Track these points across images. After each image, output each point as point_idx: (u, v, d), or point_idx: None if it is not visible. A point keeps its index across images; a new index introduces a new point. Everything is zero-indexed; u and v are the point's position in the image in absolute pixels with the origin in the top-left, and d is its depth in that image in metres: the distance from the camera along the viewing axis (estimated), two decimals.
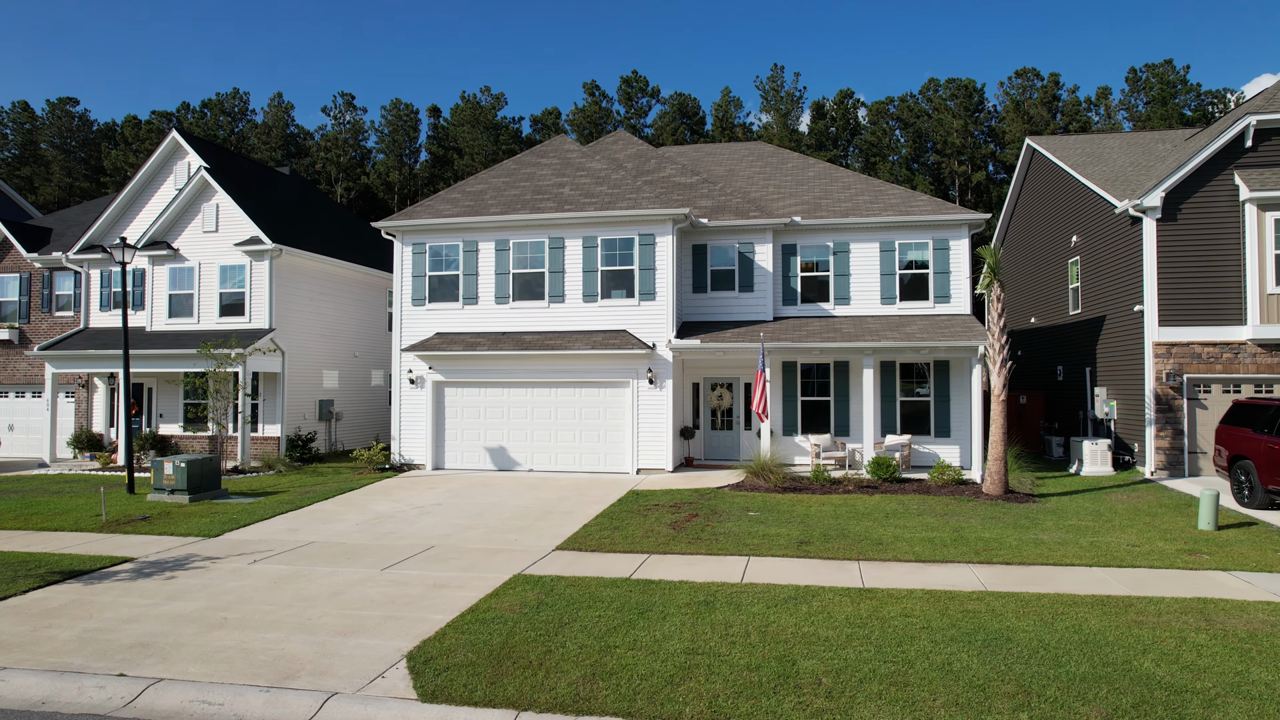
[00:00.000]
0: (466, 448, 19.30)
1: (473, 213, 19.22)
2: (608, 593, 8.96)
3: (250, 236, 21.29)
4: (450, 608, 8.54)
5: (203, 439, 21.78)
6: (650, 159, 22.40)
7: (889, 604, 8.46)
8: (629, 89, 67.66)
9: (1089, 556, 10.57)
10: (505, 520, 13.46)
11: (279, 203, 24.47)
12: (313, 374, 22.97)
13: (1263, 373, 16.65)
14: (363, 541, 11.95)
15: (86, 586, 9.56)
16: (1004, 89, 63.77)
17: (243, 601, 8.86)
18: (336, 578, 9.85)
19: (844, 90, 67.35)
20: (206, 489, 15.59)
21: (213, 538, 12.35)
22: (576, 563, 10.50)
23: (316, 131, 67.84)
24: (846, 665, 6.75)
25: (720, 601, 8.58)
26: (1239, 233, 16.76)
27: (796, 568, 10.16)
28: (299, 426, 22.18)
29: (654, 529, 12.43)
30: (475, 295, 19.34)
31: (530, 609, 8.36)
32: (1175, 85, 61.88)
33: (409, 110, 66.77)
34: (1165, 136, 23.46)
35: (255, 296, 21.36)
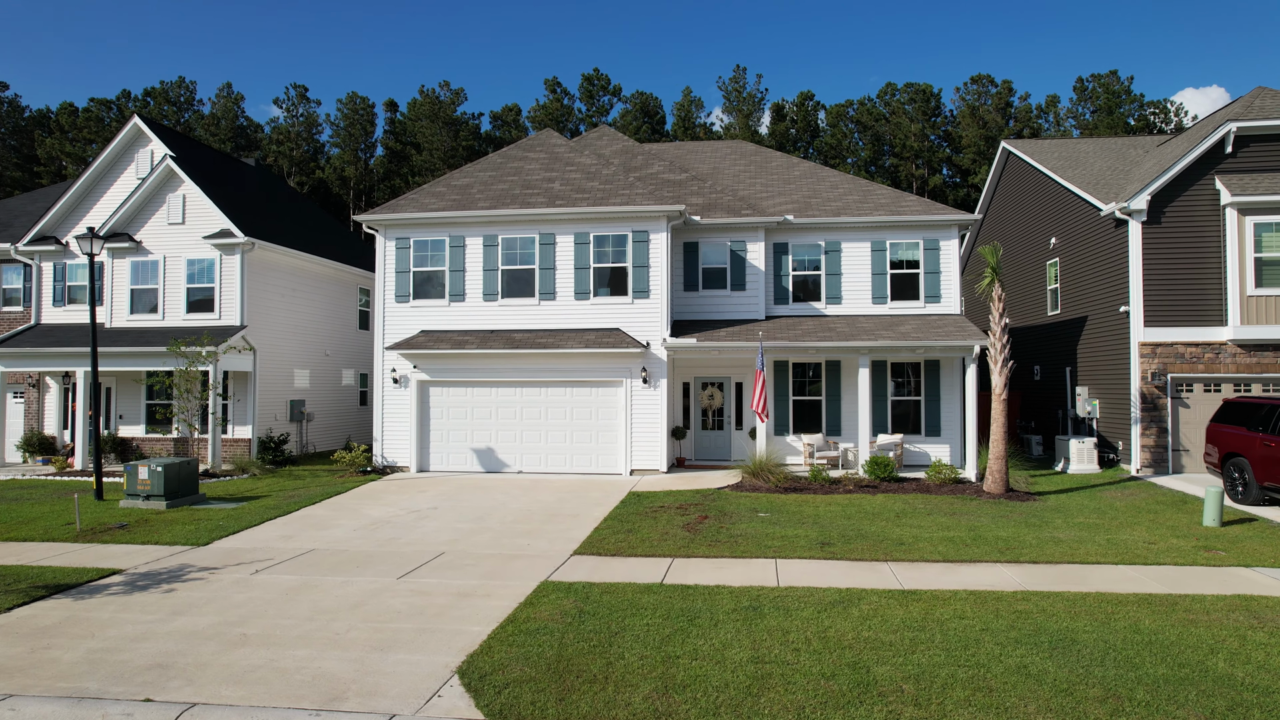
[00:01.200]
0: (453, 449, 18.70)
1: (459, 207, 18.63)
2: (647, 599, 8.62)
3: (220, 229, 20.31)
4: (485, 618, 8.11)
5: (167, 441, 20.70)
6: (637, 155, 22.08)
7: (938, 606, 8.32)
8: (591, 87, 67.20)
9: (1112, 554, 10.62)
10: (510, 524, 13.01)
11: (248, 194, 23.44)
12: (284, 373, 22.05)
13: (1242, 372, 17.13)
14: (366, 549, 11.38)
15: (78, 602, 8.84)
16: (960, 94, 65.12)
17: (257, 615, 8.27)
18: (351, 588, 9.31)
19: (804, 92, 67.98)
20: (184, 494, 14.75)
21: (202, 546, 11.63)
22: (601, 568, 10.13)
23: (268, 124, 65.76)
24: (922, 671, 6.55)
25: (767, 607, 8.32)
26: (1220, 236, 17.22)
27: (827, 570, 9.97)
28: (270, 428, 21.25)
29: (668, 532, 12.13)
30: (462, 292, 18.75)
31: (573, 618, 7.98)
32: (1120, 95, 63.94)
33: (365, 104, 65.20)
34: (1136, 142, 24.09)
35: (225, 292, 20.38)
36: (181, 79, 64.53)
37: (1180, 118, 61.91)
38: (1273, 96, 18.20)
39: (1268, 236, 16.89)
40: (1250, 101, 18.09)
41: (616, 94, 67.52)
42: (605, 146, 22.59)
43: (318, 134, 66.57)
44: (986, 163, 60.18)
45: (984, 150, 60.98)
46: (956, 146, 63.38)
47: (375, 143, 65.90)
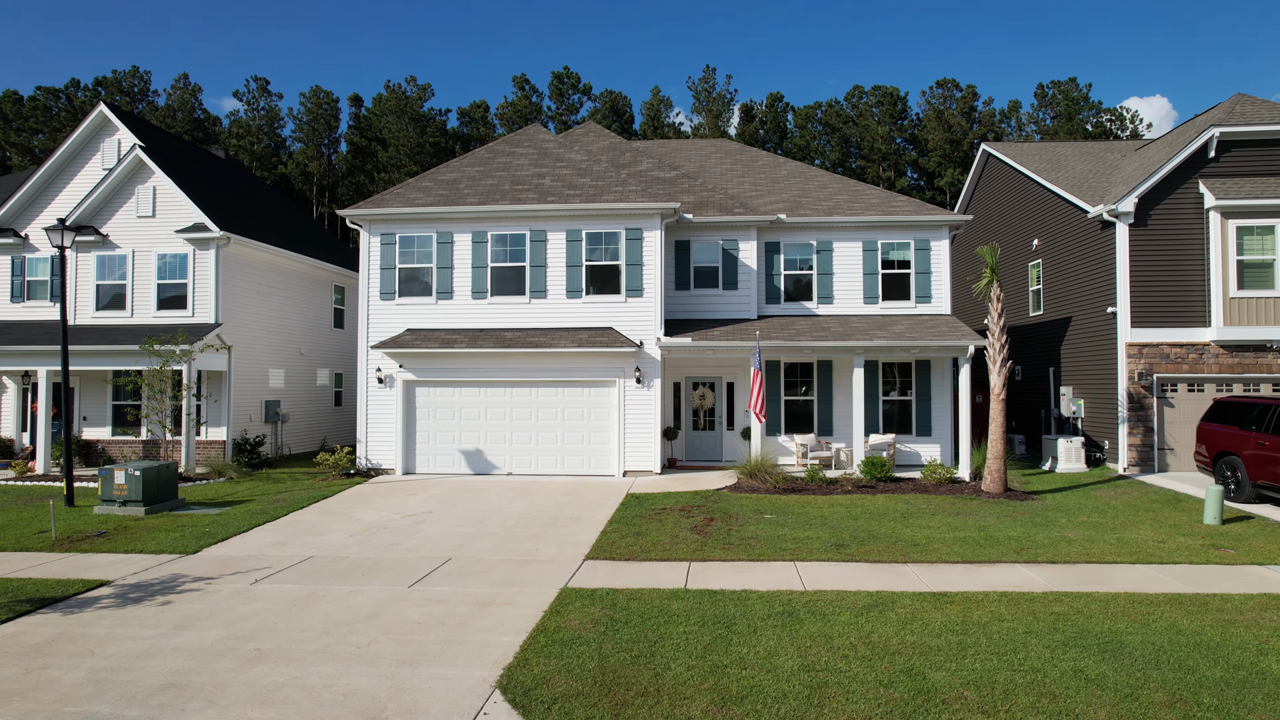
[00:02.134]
0: (440, 451, 18.21)
1: (447, 202, 18.15)
2: (676, 606, 8.36)
3: (194, 223, 19.49)
4: (512, 628, 7.78)
5: (135, 444, 19.82)
6: (625, 152, 21.79)
7: (973, 609, 8.21)
8: (560, 85, 66.68)
9: (1125, 554, 10.66)
10: (512, 529, 12.63)
11: (221, 187, 22.59)
12: (259, 373, 21.28)
13: (1224, 372, 17.48)
14: (367, 555, 10.92)
15: (68, 617, 8.27)
16: (926, 98, 66.03)
17: (269, 629, 7.82)
18: (362, 597, 8.88)
19: (773, 94, 68.36)
20: (163, 499, 14.06)
21: (191, 554, 11.05)
22: (618, 573, 9.84)
23: (227, 117, 64.04)
24: (979, 677, 6.40)
25: (801, 612, 8.12)
26: (1203, 238, 17.55)
27: (849, 572, 9.82)
28: (245, 429, 20.48)
29: (678, 535, 11.88)
30: (450, 289, 18.27)
31: (606, 627, 7.69)
32: (1079, 102, 65.46)
33: (329, 98, 63.81)
34: (1113, 147, 24.52)
35: (199, 288, 19.57)
36: (135, 68, 62.43)
37: (1135, 124, 63.68)
38: (1252, 103, 18.63)
39: (1249, 240, 17.27)
40: (1231, 107, 18.49)
41: (586, 93, 67.12)
42: (592, 143, 22.26)
43: (279, 128, 65.02)
44: (952, 165, 61.18)
45: (949, 153, 61.96)
46: (922, 150, 64.21)
47: (339, 138, 64.52)
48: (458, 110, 65.70)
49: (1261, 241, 17.24)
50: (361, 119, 63.84)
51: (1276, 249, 17.18)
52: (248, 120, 63.43)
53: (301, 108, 63.02)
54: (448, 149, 63.61)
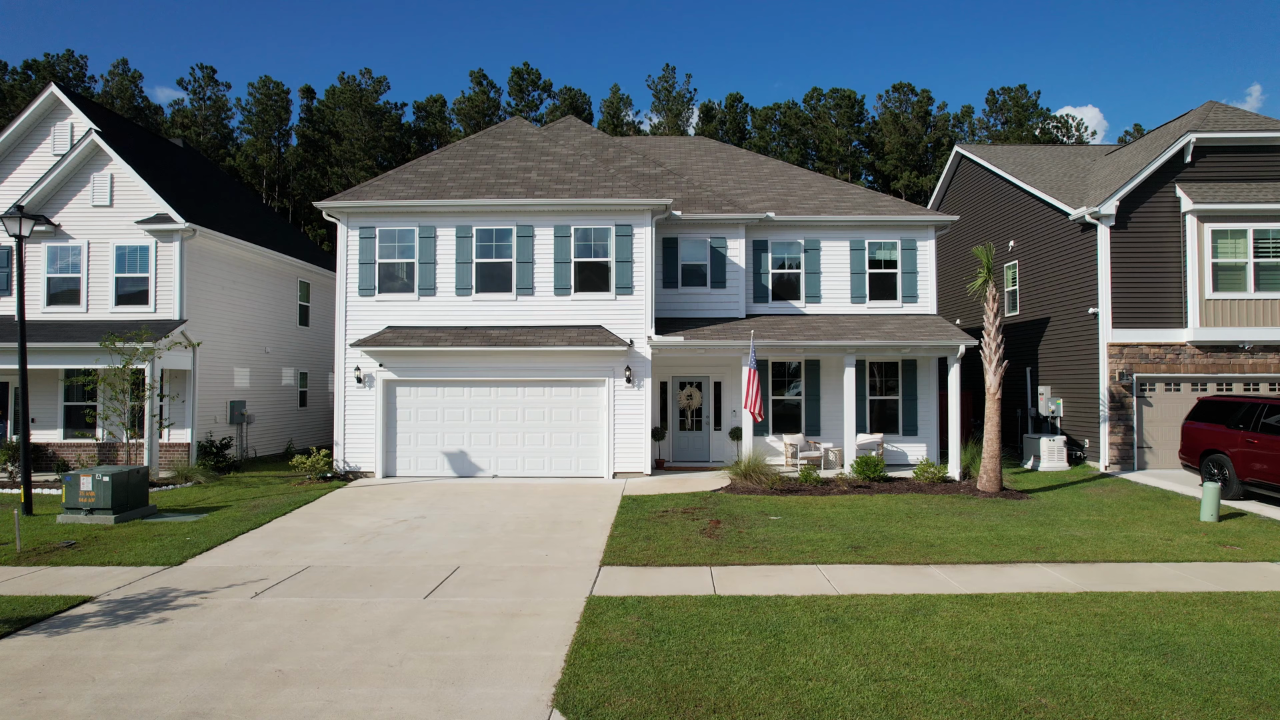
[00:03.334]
0: (421, 453, 17.56)
1: (430, 195, 17.50)
2: (715, 614, 8.05)
3: (156, 214, 18.44)
4: (549, 640, 7.37)
5: (90, 447, 18.67)
6: (608, 148, 21.39)
7: (1015, 611, 8.09)
8: (520, 81, 65.79)
9: (1140, 552, 10.73)
10: (513, 534, 12.16)
11: (182, 177, 21.46)
12: (224, 372, 20.27)
13: (1200, 372, 17.93)
14: (368, 564, 10.34)
15: (54, 638, 7.56)
16: (882, 101, 67.03)
17: (285, 648, 7.25)
18: (377, 610, 8.35)
19: (733, 94, 68.56)
20: (133, 506, 13.18)
21: (176, 566, 10.32)
22: (640, 580, 9.48)
23: (170, 106, 61.46)
24: (1051, 683, 6.24)
25: (845, 618, 7.89)
26: (1180, 241, 17.97)
27: (877, 575, 9.65)
28: (210, 431, 19.48)
29: (689, 538, 11.57)
30: (433, 286, 17.63)
31: (650, 637, 7.33)
32: (1028, 109, 67.18)
33: (279, 89, 61.77)
34: (1082, 151, 25.06)
35: (162, 283, 18.52)
36: (70, 52, 59.55)
37: (1080, 132, 65.69)
38: (1224, 110, 19.17)
39: (1223, 243, 17.73)
40: (1205, 114, 18.99)
41: (547, 90, 66.40)
42: (574, 138, 21.80)
43: (227, 119, 62.72)
44: (908, 169, 62.23)
45: (905, 156, 62.99)
46: (879, 153, 65.06)
47: (290, 130, 62.48)
48: (414, 104, 64.29)
49: (1235, 245, 17.73)
50: (314, 111, 61.92)
51: (1249, 252, 17.68)
52: (193, 110, 61.04)
53: (250, 98, 60.90)
54: (403, 144, 62.27)
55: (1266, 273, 17.72)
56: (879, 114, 66.87)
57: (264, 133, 60.49)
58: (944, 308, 25.31)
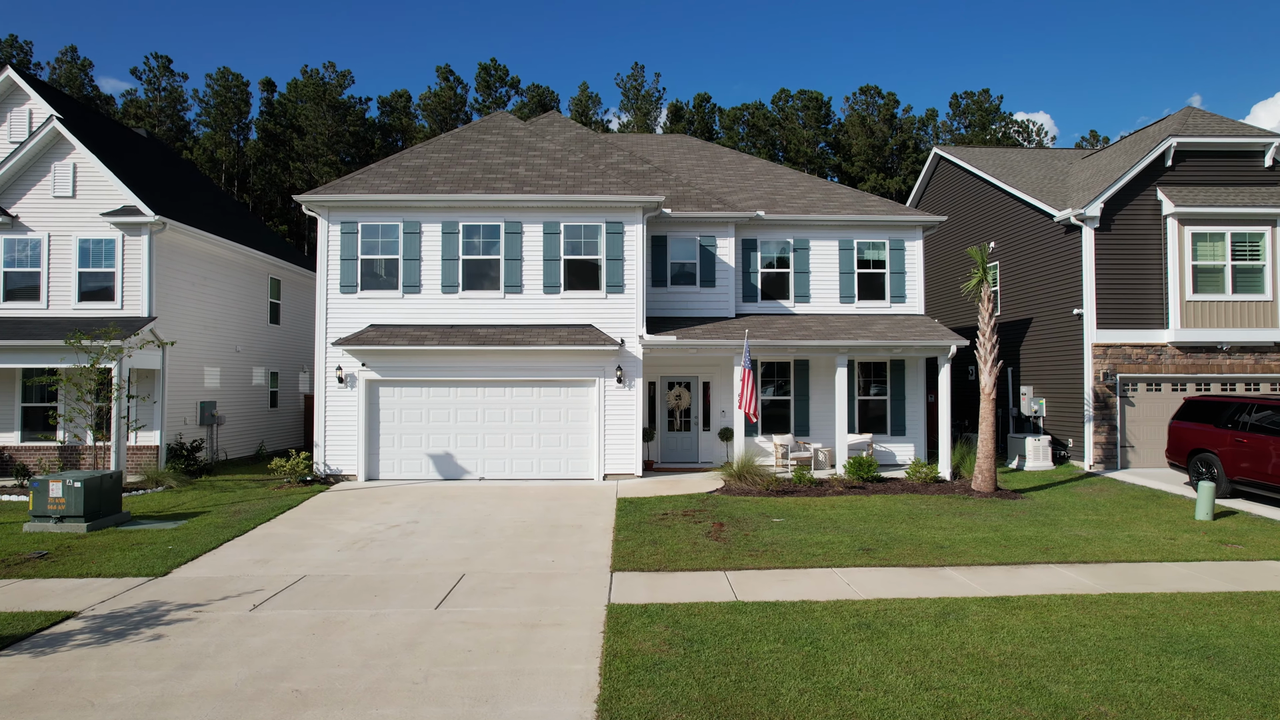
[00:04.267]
0: (405, 455, 17.03)
1: (415, 189, 16.98)
2: (743, 621, 7.81)
3: (123, 206, 17.59)
4: (577, 653, 7.05)
5: (50, 450, 17.74)
6: (594, 144, 21.03)
7: (1045, 614, 8.00)
8: (488, 77, 64.93)
9: (1147, 552, 10.77)
10: (513, 539, 11.78)
11: (148, 168, 20.56)
12: (194, 371, 19.46)
13: (1180, 372, 18.25)
14: (368, 573, 9.89)
15: (41, 658, 7.02)
16: (849, 103, 67.63)
17: (297, 665, 6.82)
18: (388, 623, 7.93)
19: (701, 94, 68.50)
20: (106, 513, 12.48)
21: (161, 577, 9.74)
22: (657, 586, 9.20)
23: (122, 96, 59.36)
24: (1105, 689, 6.12)
25: (877, 623, 7.71)
26: (1161, 244, 18.27)
27: (895, 578, 9.51)
28: (180, 433, 18.68)
29: (696, 541, 11.33)
30: (417, 283, 17.11)
31: (683, 648, 7.06)
32: (991, 113, 68.39)
33: (239, 81, 60.03)
34: (1058, 154, 25.44)
35: (129, 279, 17.68)
36: (13, 37, 57.15)
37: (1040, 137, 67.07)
38: (1202, 116, 19.56)
39: (1203, 246, 18.08)
40: (1184, 119, 19.36)
41: (514, 86, 65.63)
42: (558, 133, 21.41)
43: (183, 111, 60.79)
44: (875, 171, 62.85)
45: (871, 158, 63.60)
46: (846, 155, 65.53)
47: (250, 124, 60.77)
48: (378, 99, 63.04)
49: (1213, 248, 18.08)
50: (275, 105, 60.31)
51: (1227, 255, 18.04)
52: (147, 101, 59.03)
53: (209, 90, 59.09)
54: (368, 140, 61.03)
55: (1243, 275, 18.11)
56: (846, 116, 67.47)
57: (223, 126, 58.78)
58: (939, 307, 25.48)
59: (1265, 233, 18.06)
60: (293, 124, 59.10)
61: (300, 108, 58.62)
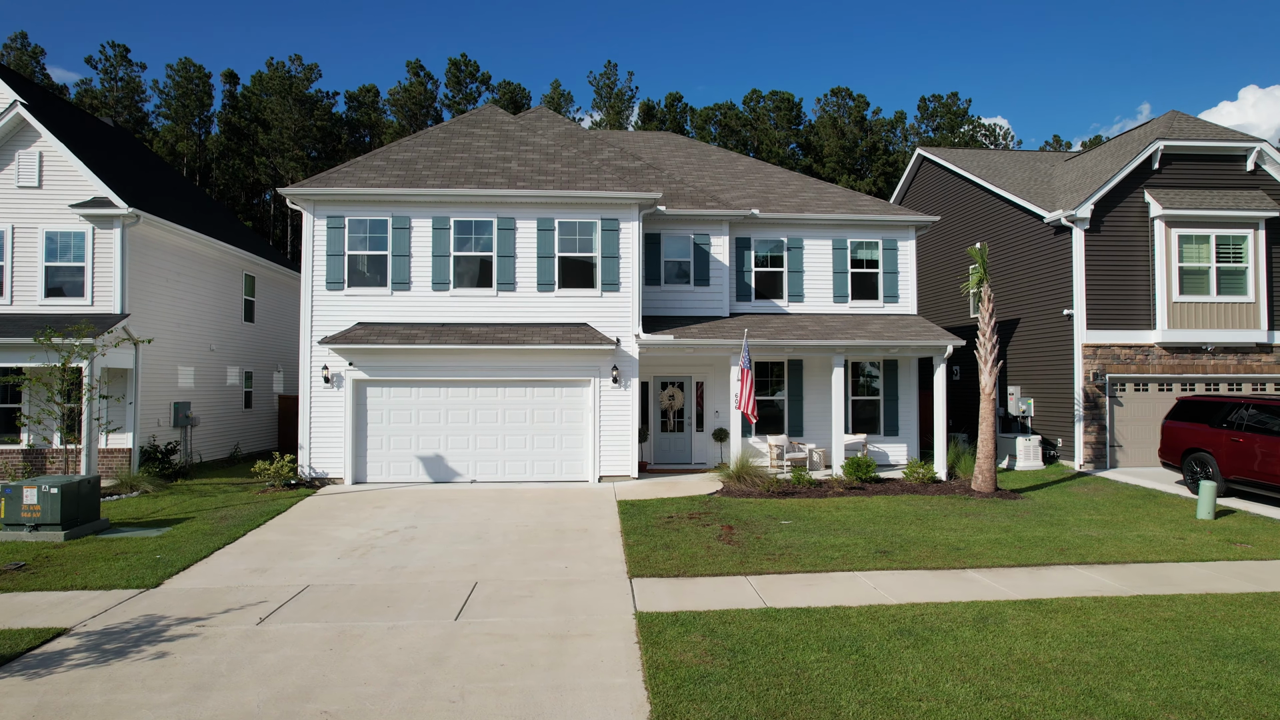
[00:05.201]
0: (394, 457, 16.50)
1: (405, 183, 16.46)
2: (781, 629, 7.56)
3: (94, 197, 16.78)
4: (615, 665, 6.74)
5: (13, 454, 16.85)
6: (583, 140, 20.65)
7: (1084, 617, 7.90)
8: (458, 72, 64.04)
9: (1162, 552, 10.77)
10: (518, 544, 11.39)
11: (118, 158, 19.68)
12: (167, 371, 18.67)
13: (1166, 373, 18.48)
14: (374, 582, 9.44)
15: (36, 681, 6.49)
16: (821, 105, 68.05)
17: (321, 684, 6.39)
18: (407, 635, 7.53)
19: (673, 94, 68.31)
20: (84, 520, 11.80)
21: (152, 588, 9.18)
22: (681, 593, 8.91)
23: (76, 86, 57.27)
24: (1170, 697, 5.99)
25: (918, 629, 7.52)
26: (1148, 245, 18.49)
27: (919, 581, 9.36)
28: (153, 435, 17.89)
29: (709, 545, 11.06)
30: (407, 280, 16.59)
31: (727, 658, 6.78)
32: (959, 116, 69.34)
33: (200, 72, 58.31)
34: (1039, 157, 25.71)
35: (100, 274, 16.86)
36: None
37: (1006, 141, 68.24)
38: (1186, 120, 19.86)
39: (1188, 248, 18.33)
40: (1169, 123, 19.63)
41: (485, 82, 64.80)
42: (548, 128, 20.99)
43: (142, 102, 58.85)
44: (846, 172, 63.24)
45: (843, 160, 63.98)
46: (817, 156, 65.86)
47: (212, 117, 59.13)
48: (345, 94, 61.80)
49: (1198, 250, 18.34)
50: (238, 98, 58.75)
51: (1212, 257, 18.32)
52: (103, 91, 57.04)
53: (169, 81, 57.35)
54: (335, 135, 59.77)
55: (1227, 277, 18.40)
56: (817, 117, 67.89)
57: (184, 118, 57.09)
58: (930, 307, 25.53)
59: (1248, 235, 18.38)
60: (257, 117, 57.64)
61: (266, 101, 57.19)
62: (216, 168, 57.16)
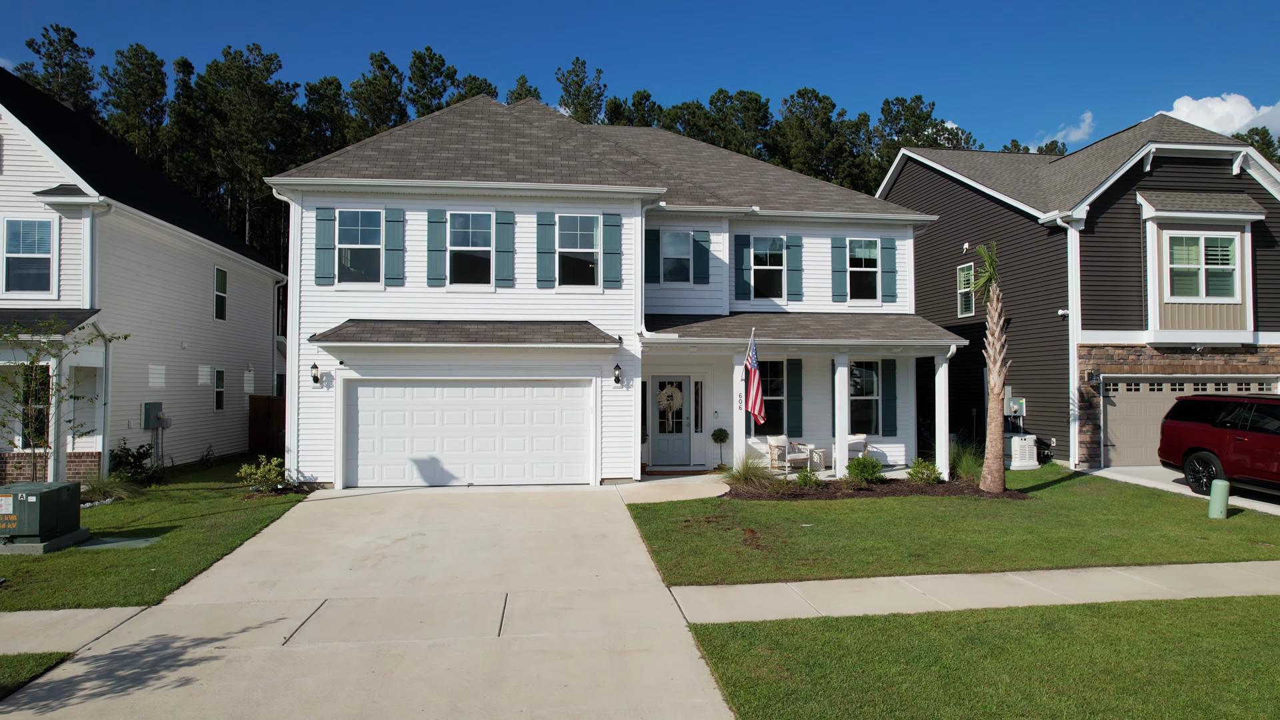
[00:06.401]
0: (387, 460, 15.79)
1: (399, 174, 15.77)
2: (847, 640, 7.22)
3: (60, 184, 15.72)
4: (688, 684, 6.32)
5: None
6: (577, 133, 20.08)
7: (1149, 622, 7.74)
8: (423, 66, 62.81)
9: (1192, 552, 10.75)
10: (537, 552, 10.86)
11: (84, 144, 18.54)
12: (138, 370, 17.63)
13: (1157, 373, 18.71)
14: (396, 595, 8.84)
15: (48, 715, 5.82)
16: (788, 106, 68.43)
17: (374, 713, 5.85)
18: (451, 654, 7.00)
19: (640, 92, 68.04)
20: (63, 531, 10.93)
21: (155, 605, 8.46)
22: (726, 602, 8.52)
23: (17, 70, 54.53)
24: (1278, 709, 5.78)
25: (988, 637, 7.25)
26: (1140, 247, 18.69)
27: (965, 585, 9.14)
28: (124, 438, 16.87)
29: (738, 551, 10.69)
30: (401, 275, 15.89)
31: (805, 672, 6.42)
32: (922, 119, 70.33)
33: (152, 60, 56.17)
34: (1022, 159, 25.95)
35: (68, 266, 15.80)
36: None
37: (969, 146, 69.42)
38: (1175, 123, 20.16)
39: (1178, 250, 18.59)
40: (1159, 126, 19.89)
41: (450, 77, 63.66)
42: (540, 120, 20.39)
43: (89, 89, 56.36)
44: (812, 174, 63.66)
45: (810, 161, 64.36)
46: (784, 157, 66.14)
47: (165, 106, 56.91)
48: (306, 86, 60.10)
49: (1188, 252, 18.61)
50: (193, 87, 56.69)
51: (1201, 259, 18.60)
52: (46, 77, 54.46)
53: (119, 68, 55.05)
54: (295, 128, 58.04)
55: (1215, 279, 18.71)
56: (784, 118, 68.24)
57: (135, 107, 54.88)
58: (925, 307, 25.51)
59: (1235, 238, 18.70)
60: (214, 108, 55.66)
61: (223, 91, 55.26)
62: (170, 159, 54.97)
